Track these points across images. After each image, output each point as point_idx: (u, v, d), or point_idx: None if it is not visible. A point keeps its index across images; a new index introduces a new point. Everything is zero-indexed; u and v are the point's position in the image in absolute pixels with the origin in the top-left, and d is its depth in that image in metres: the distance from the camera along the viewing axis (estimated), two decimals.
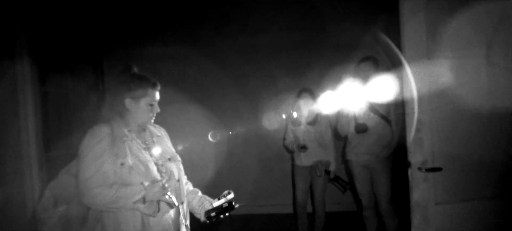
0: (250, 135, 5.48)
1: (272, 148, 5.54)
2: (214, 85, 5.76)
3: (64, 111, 4.65)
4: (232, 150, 5.70)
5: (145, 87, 2.06)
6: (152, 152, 2.11)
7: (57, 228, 1.96)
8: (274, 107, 5.07)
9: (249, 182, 5.41)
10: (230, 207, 2.19)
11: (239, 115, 5.58)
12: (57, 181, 2.03)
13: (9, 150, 3.13)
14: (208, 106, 5.75)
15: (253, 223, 4.74)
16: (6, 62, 3.09)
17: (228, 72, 5.71)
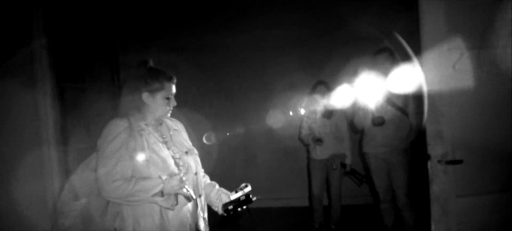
0: (265, 128, 5.46)
1: (287, 141, 5.52)
2: (228, 78, 5.77)
3: (80, 106, 4.70)
4: (247, 143, 5.71)
5: (161, 81, 2.06)
6: (169, 146, 2.11)
7: (78, 221, 1.98)
8: (289, 101, 5.04)
9: (264, 175, 5.41)
10: (248, 200, 2.18)
11: (253, 108, 5.57)
12: (76, 175, 2.04)
13: (29, 145, 3.17)
14: (221, 99, 5.76)
15: (268, 216, 4.74)
16: (25, 58, 3.13)
17: (242, 65, 5.71)
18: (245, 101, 5.60)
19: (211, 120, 5.48)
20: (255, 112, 5.55)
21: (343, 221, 4.45)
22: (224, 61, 5.75)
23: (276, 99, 5.23)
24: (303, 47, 5.49)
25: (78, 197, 2.01)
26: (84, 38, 4.69)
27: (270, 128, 5.47)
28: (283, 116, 5.15)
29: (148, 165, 1.95)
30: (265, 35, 5.51)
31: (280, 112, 5.16)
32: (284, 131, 5.42)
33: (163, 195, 1.92)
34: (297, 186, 5.44)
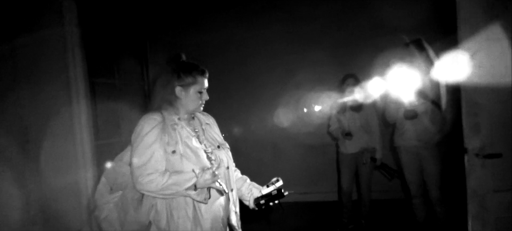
0: (293, 123, 5.43)
1: (316, 135, 5.47)
2: (257, 72, 5.75)
3: (111, 101, 4.79)
4: (275, 138, 5.69)
5: (194, 75, 2.07)
6: (201, 140, 2.12)
7: (113, 214, 2.02)
8: (317, 94, 5.00)
9: (292, 169, 5.38)
10: (280, 195, 2.17)
11: (281, 102, 5.54)
12: (111, 168, 2.08)
13: (64, 139, 3.26)
14: (248, 94, 5.76)
15: (297, 210, 4.72)
16: (59, 53, 3.20)
17: (270, 58, 5.68)
18: (272, 95, 5.57)
19: (238, 115, 5.50)
20: (283, 107, 5.51)
21: (373, 216, 4.39)
22: (251, 55, 5.74)
23: (304, 93, 5.18)
24: (333, 39, 5.41)
25: (113, 189, 2.05)
26: (113, 34, 4.77)
27: (298, 122, 5.43)
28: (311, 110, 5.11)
29: (181, 159, 1.97)
30: (293, 27, 5.47)
31: (308, 106, 5.12)
32: (312, 125, 5.37)
33: (196, 188, 1.92)
34: (326, 181, 5.40)
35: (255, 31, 5.61)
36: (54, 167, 3.31)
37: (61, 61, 3.22)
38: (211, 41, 5.57)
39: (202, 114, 2.26)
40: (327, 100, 4.54)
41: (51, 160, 3.31)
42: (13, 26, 3.22)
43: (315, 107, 5.01)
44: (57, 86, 3.25)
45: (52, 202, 3.33)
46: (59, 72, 3.23)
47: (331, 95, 4.38)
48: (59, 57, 3.21)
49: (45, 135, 3.30)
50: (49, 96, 3.27)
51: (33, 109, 3.28)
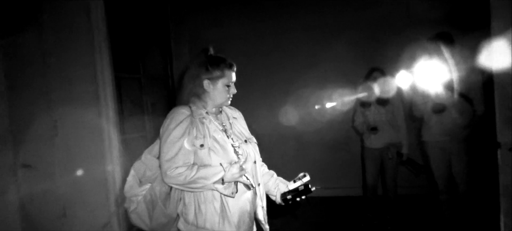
0: (316, 116, 5.38)
1: (339, 129, 5.42)
2: (279, 65, 5.72)
3: (136, 95, 4.85)
4: (298, 132, 5.65)
5: (222, 68, 2.06)
6: (228, 134, 2.12)
7: (142, 206, 2.04)
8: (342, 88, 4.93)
9: (316, 164, 5.34)
10: (307, 190, 2.15)
11: (305, 96, 5.50)
12: (140, 161, 2.10)
13: (92, 133, 3.32)
14: (271, 88, 5.73)
15: (322, 205, 4.70)
16: (86, 49, 3.25)
17: (293, 52, 5.64)
18: (296, 89, 5.53)
19: (260, 110, 5.48)
20: (307, 101, 5.47)
21: (398, 212, 4.32)
22: (273, 48, 5.71)
23: (329, 87, 5.12)
24: (358, 32, 5.33)
25: (142, 182, 2.06)
26: (138, 29, 4.82)
27: (322, 116, 5.38)
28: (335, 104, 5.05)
29: (209, 153, 1.97)
30: (317, 20, 5.41)
31: (332, 100, 5.06)
32: (336, 120, 5.32)
33: (223, 182, 1.92)
34: (350, 176, 5.35)
35: (278, 24, 5.58)
36: (81, 161, 3.37)
37: (88, 56, 3.27)
38: (234, 35, 5.57)
39: (229, 108, 2.26)
40: (352, 93, 4.47)
41: (79, 153, 3.37)
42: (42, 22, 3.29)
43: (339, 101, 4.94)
44: (84, 81, 3.31)
45: (80, 195, 3.39)
46: (87, 68, 3.29)
47: (356, 89, 4.32)
48: (87, 52, 3.27)
49: (73, 129, 3.36)
50: (76, 91, 3.33)
51: (61, 103, 3.35)
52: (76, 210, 3.40)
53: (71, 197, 3.40)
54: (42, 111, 3.35)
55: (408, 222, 4.43)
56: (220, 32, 5.55)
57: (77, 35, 3.27)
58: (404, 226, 4.33)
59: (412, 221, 4.52)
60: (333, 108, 5.12)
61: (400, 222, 4.30)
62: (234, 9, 5.59)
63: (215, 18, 5.69)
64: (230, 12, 5.58)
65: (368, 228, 4.34)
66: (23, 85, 3.37)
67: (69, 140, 3.36)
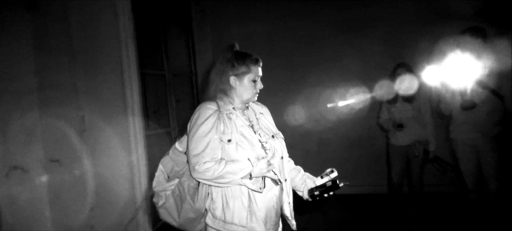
0: (340, 112, 5.33)
1: (364, 125, 5.35)
2: (302, 61, 5.68)
3: (160, 91, 4.90)
4: (321, 128, 5.60)
5: (248, 64, 2.07)
6: (255, 129, 2.11)
7: (170, 201, 2.06)
8: (366, 83, 4.86)
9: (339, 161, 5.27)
10: (335, 186, 2.12)
11: (328, 91, 5.44)
12: (168, 156, 2.12)
13: (118, 129, 3.37)
14: (295, 82, 5.70)
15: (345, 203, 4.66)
16: (113, 46, 3.30)
17: (316, 46, 5.59)
18: (319, 85, 5.48)
19: (283, 106, 5.45)
20: (330, 97, 5.42)
21: (424, 210, 4.24)
22: (298, 45, 5.68)
23: (352, 81, 5.06)
24: (385, 27, 5.23)
25: (170, 178, 2.08)
26: (162, 25, 4.85)
27: (345, 112, 5.33)
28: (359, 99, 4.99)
29: (236, 148, 1.97)
30: (343, 15, 5.34)
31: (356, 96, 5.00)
32: (359, 115, 5.26)
33: (251, 177, 1.92)
34: (375, 173, 5.27)
35: (302, 20, 5.53)
36: (108, 156, 3.43)
37: (115, 54, 3.32)
38: (257, 31, 5.55)
39: (256, 103, 2.26)
40: (377, 89, 4.40)
41: (106, 149, 3.43)
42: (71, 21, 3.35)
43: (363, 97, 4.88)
44: (111, 78, 3.36)
45: (107, 190, 3.45)
46: (113, 65, 3.34)
47: (382, 85, 4.25)
48: (114, 50, 3.32)
49: (100, 125, 3.42)
50: (104, 87, 3.39)
51: (89, 99, 3.41)
52: (103, 204, 3.46)
53: (98, 191, 3.46)
54: (70, 107, 3.42)
55: (434, 221, 4.34)
56: (243, 28, 5.55)
57: (105, 33, 3.32)
58: (430, 225, 4.25)
59: (439, 220, 4.43)
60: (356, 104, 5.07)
61: (425, 221, 4.22)
62: (257, 6, 5.57)
63: (238, 14, 5.69)
64: (253, 8, 5.57)
65: (393, 226, 4.28)
66: (52, 81, 3.44)
67: (96, 136, 3.42)
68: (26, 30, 3.37)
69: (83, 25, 3.34)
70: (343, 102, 5.26)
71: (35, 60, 3.42)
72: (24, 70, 3.36)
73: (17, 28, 3.30)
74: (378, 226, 4.46)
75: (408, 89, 3.99)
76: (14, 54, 3.27)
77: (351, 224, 4.61)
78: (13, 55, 3.26)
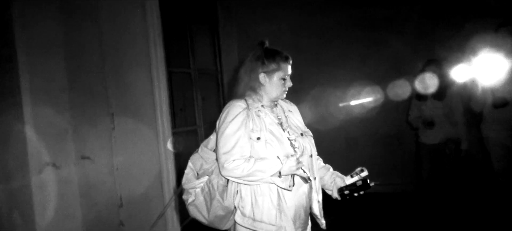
0: (366, 111, 5.26)
1: (392, 123, 5.26)
2: (328, 57, 5.62)
3: (186, 89, 4.95)
4: (347, 126, 5.54)
5: (278, 62, 2.06)
6: (284, 127, 2.10)
7: (200, 198, 2.06)
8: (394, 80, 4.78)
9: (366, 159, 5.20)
10: (365, 186, 2.09)
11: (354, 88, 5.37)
12: (197, 154, 2.13)
13: (147, 126, 3.41)
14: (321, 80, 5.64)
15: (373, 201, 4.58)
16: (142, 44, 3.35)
17: (343, 44, 5.53)
18: (346, 83, 5.42)
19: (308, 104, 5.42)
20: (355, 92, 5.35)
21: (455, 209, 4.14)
22: (324, 43, 5.62)
23: (379, 78, 4.98)
24: (412, 24, 5.14)
25: (199, 175, 2.09)
26: (188, 24, 4.89)
27: (372, 109, 5.25)
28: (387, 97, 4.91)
29: (265, 146, 1.96)
30: (369, 13, 5.26)
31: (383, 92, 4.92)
32: (387, 113, 5.17)
33: (280, 175, 1.91)
34: (404, 172, 5.18)
35: (327, 18, 5.48)
36: (137, 153, 3.48)
37: (143, 52, 3.36)
38: (283, 29, 5.53)
39: (284, 101, 2.25)
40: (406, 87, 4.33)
41: (134, 146, 3.48)
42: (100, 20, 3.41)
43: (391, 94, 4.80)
44: (140, 76, 3.40)
45: (135, 186, 3.51)
46: (142, 63, 3.38)
47: (411, 82, 4.17)
48: (142, 48, 3.36)
49: (129, 122, 3.47)
50: (132, 85, 3.44)
51: (118, 97, 3.46)
52: (132, 201, 3.52)
53: (127, 188, 3.52)
54: (100, 105, 3.49)
55: (465, 220, 4.23)
56: (269, 26, 5.52)
57: (133, 31, 3.37)
58: (461, 223, 4.14)
59: (470, 218, 4.32)
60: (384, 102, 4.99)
61: (456, 220, 4.12)
62: (283, 3, 5.54)
63: (264, 12, 5.67)
64: (279, 6, 5.54)
65: (423, 225, 4.19)
66: (83, 80, 3.51)
67: (125, 133, 3.48)
68: (58, 30, 3.45)
69: (112, 24, 3.41)
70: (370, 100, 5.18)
71: (66, 59, 3.50)
72: (56, 70, 3.44)
73: (49, 28, 3.39)
74: (407, 224, 4.37)
75: (439, 86, 3.91)
76: (46, 54, 3.36)
77: (380, 223, 4.54)
78: (45, 55, 3.35)
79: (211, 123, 5.00)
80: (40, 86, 3.27)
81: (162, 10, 3.48)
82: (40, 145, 3.24)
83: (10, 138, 3.14)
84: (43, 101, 3.30)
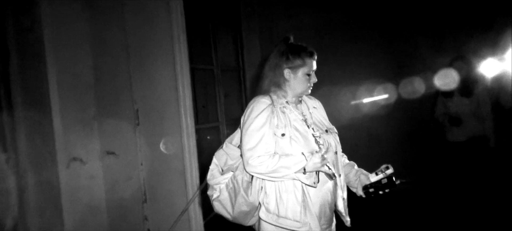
0: (391, 106, 5.18)
1: (416, 120, 5.16)
2: (351, 57, 5.56)
3: (209, 86, 4.97)
4: (371, 123, 5.47)
5: (303, 57, 2.05)
6: (309, 124, 2.09)
7: (225, 194, 2.06)
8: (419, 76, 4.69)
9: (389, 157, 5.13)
10: (390, 184, 2.06)
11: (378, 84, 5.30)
12: (222, 150, 2.13)
13: (171, 123, 3.44)
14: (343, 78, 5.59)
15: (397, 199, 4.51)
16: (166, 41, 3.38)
17: (365, 43, 5.45)
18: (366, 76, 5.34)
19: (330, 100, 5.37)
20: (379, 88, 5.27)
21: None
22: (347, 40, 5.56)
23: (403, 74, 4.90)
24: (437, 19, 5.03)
25: (224, 171, 2.09)
26: (210, 21, 4.91)
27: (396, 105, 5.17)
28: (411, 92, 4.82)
29: (290, 142, 1.95)
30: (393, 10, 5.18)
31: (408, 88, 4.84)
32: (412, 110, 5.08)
33: (305, 172, 1.90)
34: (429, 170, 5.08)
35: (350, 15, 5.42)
36: (161, 148, 3.51)
37: (167, 48, 3.38)
38: (305, 26, 5.49)
39: (308, 97, 2.23)
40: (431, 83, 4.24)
41: (158, 142, 3.52)
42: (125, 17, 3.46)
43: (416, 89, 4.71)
44: (164, 73, 3.43)
45: (159, 182, 3.54)
46: (166, 59, 3.41)
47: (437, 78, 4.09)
48: (166, 45, 3.39)
49: (153, 118, 3.51)
50: (156, 81, 3.47)
51: (142, 93, 3.50)
52: (156, 196, 3.56)
53: (151, 183, 3.56)
54: (125, 101, 3.54)
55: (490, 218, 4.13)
56: (291, 23, 5.51)
57: (158, 28, 3.40)
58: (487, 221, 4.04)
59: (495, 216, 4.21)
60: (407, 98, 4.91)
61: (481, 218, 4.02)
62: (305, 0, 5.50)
63: (287, 9, 5.65)
64: (302, 2, 5.50)
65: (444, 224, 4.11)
66: (108, 76, 3.57)
67: (149, 129, 3.51)
68: (85, 27, 3.51)
69: (137, 21, 3.44)
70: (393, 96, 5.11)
71: (92, 56, 3.57)
72: (82, 66, 3.51)
73: (76, 25, 3.45)
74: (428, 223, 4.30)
75: (466, 82, 3.82)
76: (73, 50, 3.43)
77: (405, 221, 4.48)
78: (72, 51, 3.42)
79: (233, 119, 5.05)
80: (67, 82, 3.34)
81: (186, 7, 3.50)
82: (67, 140, 3.31)
83: (38, 133, 3.22)
84: (70, 97, 3.37)
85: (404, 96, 5.11)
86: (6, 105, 3.16)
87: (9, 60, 3.17)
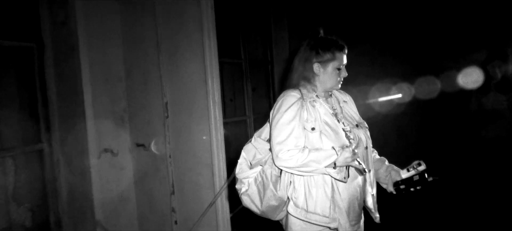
0: (422, 103, 5.06)
1: (450, 116, 5.02)
2: (382, 51, 5.45)
3: (237, 80, 4.98)
4: (401, 120, 5.36)
5: (333, 51, 2.02)
6: (339, 118, 2.06)
7: (253, 188, 2.06)
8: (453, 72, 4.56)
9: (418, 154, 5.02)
10: (422, 181, 2.00)
11: (409, 81, 5.18)
12: (251, 144, 2.13)
13: (200, 116, 3.46)
14: (374, 73, 5.50)
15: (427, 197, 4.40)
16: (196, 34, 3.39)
17: (397, 37, 5.34)
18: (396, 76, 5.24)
19: (361, 96, 5.29)
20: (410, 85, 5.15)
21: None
22: (378, 33, 5.46)
23: (436, 70, 4.77)
24: (474, 12, 4.86)
25: (252, 165, 2.09)
26: (240, 14, 4.91)
27: (428, 102, 5.04)
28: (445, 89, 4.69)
29: (320, 136, 1.93)
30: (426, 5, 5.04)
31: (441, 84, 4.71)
32: (445, 106, 4.94)
33: (335, 167, 1.87)
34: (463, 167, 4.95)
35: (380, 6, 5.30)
36: (189, 141, 3.54)
37: (197, 42, 3.39)
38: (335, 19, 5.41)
39: (339, 92, 2.20)
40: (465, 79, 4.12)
41: (187, 135, 3.55)
42: (156, 12, 3.50)
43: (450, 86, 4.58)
44: (193, 67, 3.45)
45: (187, 175, 3.57)
46: (195, 53, 3.42)
47: (472, 75, 3.97)
48: (196, 39, 3.40)
49: (182, 112, 3.54)
50: (186, 75, 3.49)
51: (172, 87, 3.54)
52: (184, 189, 3.59)
53: (179, 176, 3.60)
54: (155, 94, 3.58)
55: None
56: (321, 17, 5.44)
57: (188, 21, 3.41)
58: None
59: None
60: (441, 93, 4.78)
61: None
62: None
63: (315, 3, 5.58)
64: None
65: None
66: (138, 69, 3.62)
67: (178, 122, 3.54)
68: (116, 21, 3.57)
69: (168, 14, 3.47)
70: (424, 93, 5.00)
71: (124, 49, 3.63)
72: (114, 59, 3.58)
73: (108, 19, 3.51)
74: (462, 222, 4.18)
75: (503, 78, 3.69)
76: (105, 44, 3.49)
77: (436, 219, 4.38)
78: (104, 45, 3.48)
79: (260, 113, 5.05)
80: (99, 75, 3.40)
81: (216, 0, 3.50)
82: (99, 132, 3.38)
83: (71, 124, 3.30)
84: (102, 89, 3.44)
85: (434, 92, 4.98)
86: (41, 97, 3.25)
87: (44, 53, 3.26)
